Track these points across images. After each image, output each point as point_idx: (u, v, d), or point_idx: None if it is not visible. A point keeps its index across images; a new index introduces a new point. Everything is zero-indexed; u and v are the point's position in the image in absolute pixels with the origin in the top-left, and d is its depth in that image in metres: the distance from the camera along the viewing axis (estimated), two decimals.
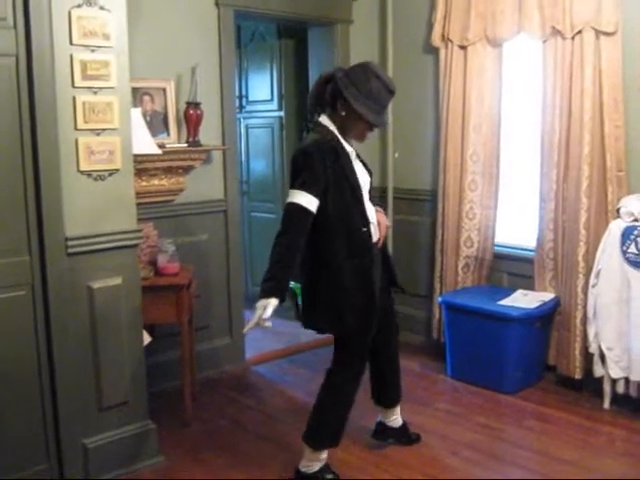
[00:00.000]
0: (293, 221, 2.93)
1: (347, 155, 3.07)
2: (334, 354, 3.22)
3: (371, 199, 3.20)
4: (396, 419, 3.60)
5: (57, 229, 3.05)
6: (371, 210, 3.16)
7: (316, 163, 2.94)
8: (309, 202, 2.91)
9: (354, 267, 3.02)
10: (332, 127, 3.07)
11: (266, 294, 2.85)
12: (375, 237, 3.16)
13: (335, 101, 3.05)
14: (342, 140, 3.09)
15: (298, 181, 2.93)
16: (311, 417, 3.24)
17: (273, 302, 2.83)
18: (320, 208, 2.95)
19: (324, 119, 3.10)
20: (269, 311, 2.82)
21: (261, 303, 2.84)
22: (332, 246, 3.01)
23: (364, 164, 3.25)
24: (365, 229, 3.06)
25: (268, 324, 2.83)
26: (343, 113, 3.04)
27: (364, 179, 3.16)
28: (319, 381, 3.24)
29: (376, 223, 3.18)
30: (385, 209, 5.23)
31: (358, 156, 3.20)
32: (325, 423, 3.22)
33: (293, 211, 2.92)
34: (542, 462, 3.47)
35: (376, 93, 2.99)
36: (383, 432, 3.61)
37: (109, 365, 3.28)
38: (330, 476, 3.22)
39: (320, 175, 2.93)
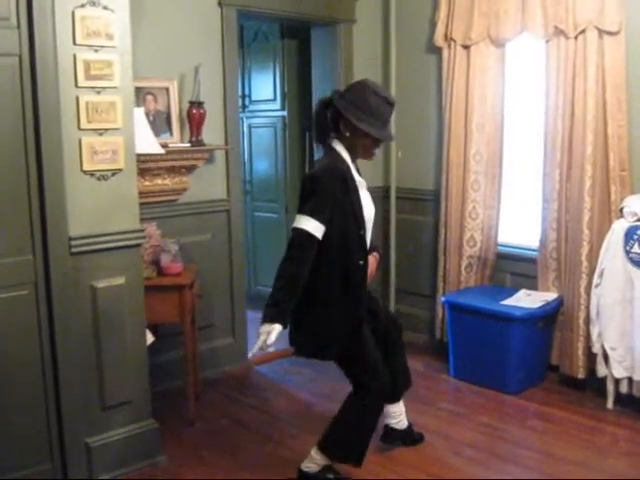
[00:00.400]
0: (300, 248, 2.91)
1: (356, 186, 3.04)
2: (349, 378, 3.18)
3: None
4: (401, 420, 3.59)
5: (60, 229, 3.05)
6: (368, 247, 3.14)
7: (326, 189, 2.92)
8: (316, 228, 2.89)
9: (346, 305, 3.02)
10: (344, 152, 3.05)
11: (270, 320, 2.85)
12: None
13: (337, 123, 3.04)
14: (353, 169, 3.07)
15: (307, 206, 2.91)
16: (334, 431, 3.19)
17: (277, 328, 2.84)
18: (324, 235, 2.93)
19: (336, 144, 3.06)
20: (273, 337, 2.82)
21: (265, 328, 2.84)
22: (328, 278, 3.00)
23: (371, 198, 3.21)
24: (362, 262, 3.05)
25: (271, 349, 2.87)
26: (347, 134, 3.02)
27: (369, 212, 3.12)
28: (321, 381, 3.25)
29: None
30: (388, 208, 5.25)
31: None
32: (358, 442, 3.18)
33: (300, 237, 2.90)
34: (545, 462, 3.47)
35: (375, 108, 2.97)
36: (390, 435, 3.60)
37: (112, 364, 3.28)
38: (332, 476, 3.22)
39: (328, 202, 2.92)
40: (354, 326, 3.05)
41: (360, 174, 3.14)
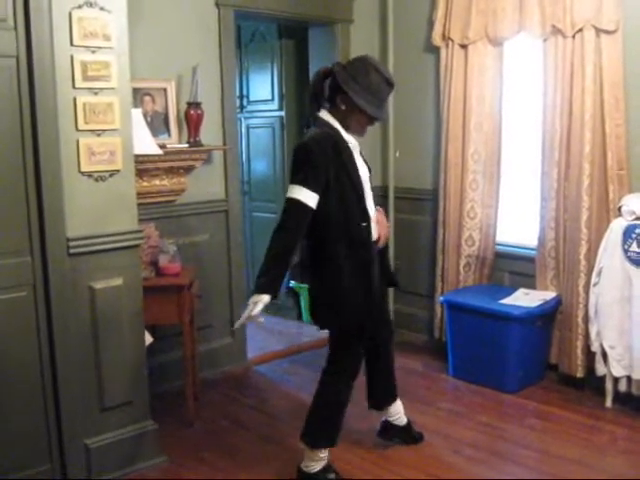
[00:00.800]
0: (292, 217, 2.92)
1: (349, 150, 3.05)
2: (329, 354, 3.23)
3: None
4: (400, 417, 3.60)
5: (58, 230, 3.05)
6: (372, 207, 3.16)
7: (317, 158, 2.92)
8: (309, 198, 2.89)
9: (353, 267, 3.02)
10: (333, 121, 3.05)
11: (259, 290, 2.86)
12: (375, 235, 3.15)
13: (335, 95, 3.04)
14: (344, 134, 3.07)
15: (299, 176, 2.91)
16: (307, 416, 3.24)
17: (265, 299, 2.85)
18: (320, 204, 2.93)
19: (324, 114, 3.07)
20: (259, 307, 2.84)
21: (253, 299, 2.86)
22: (332, 245, 3.01)
23: (364, 160, 3.23)
24: (365, 224, 3.05)
25: (260, 320, 2.87)
26: (343, 107, 3.02)
27: (365, 175, 3.14)
28: None
29: (376, 222, 3.17)
30: (386, 208, 5.24)
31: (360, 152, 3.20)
32: (320, 422, 3.22)
33: (293, 207, 2.91)
34: (544, 461, 3.47)
35: (375, 86, 2.98)
36: (388, 431, 3.61)
37: (111, 365, 3.28)
38: (332, 476, 3.22)
39: (321, 170, 2.92)
40: (365, 291, 3.05)
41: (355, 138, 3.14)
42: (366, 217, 3.07)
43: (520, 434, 3.78)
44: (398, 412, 3.59)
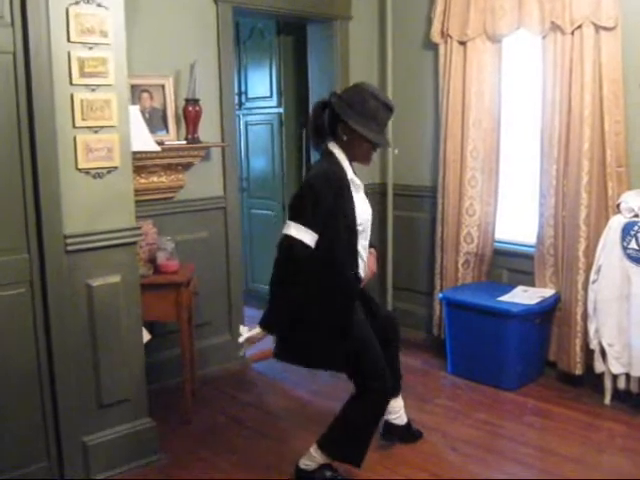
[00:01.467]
0: (299, 263, 2.90)
1: (350, 192, 2.99)
2: (351, 378, 3.15)
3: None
4: (400, 416, 3.59)
5: (56, 227, 3.04)
6: (365, 250, 3.12)
7: (320, 199, 2.88)
8: (312, 240, 2.89)
9: (332, 319, 3.00)
10: (339, 154, 3.01)
11: (266, 329, 3.04)
12: (362, 275, 3.12)
13: (335, 126, 3.00)
14: (350, 172, 3.04)
15: (305, 216, 2.88)
16: (335, 429, 3.15)
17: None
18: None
19: (333, 145, 3.03)
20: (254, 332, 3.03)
21: (259, 331, 3.03)
22: (315, 290, 2.98)
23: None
24: (353, 272, 3.04)
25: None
26: (345, 137, 2.99)
27: (366, 214, 3.08)
28: (319, 378, 3.24)
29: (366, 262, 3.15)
30: (385, 205, 5.24)
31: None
32: (351, 440, 3.14)
33: (299, 251, 2.88)
34: (542, 458, 3.47)
35: (374, 112, 2.94)
36: (390, 432, 3.59)
37: (109, 363, 3.28)
38: (330, 473, 3.21)
39: (323, 211, 2.89)
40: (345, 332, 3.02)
41: (356, 175, 3.11)
42: (355, 264, 3.04)
43: (519, 431, 3.78)
44: (398, 410, 3.58)
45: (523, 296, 4.33)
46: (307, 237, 2.87)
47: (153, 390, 3.70)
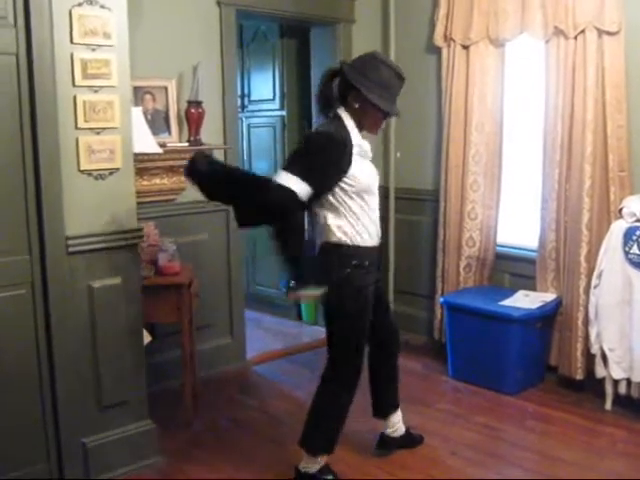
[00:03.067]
0: (287, 216, 2.91)
1: (351, 153, 2.95)
2: (328, 361, 3.18)
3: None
4: (397, 429, 3.54)
5: (57, 228, 3.04)
6: (374, 212, 3.10)
7: (323, 153, 2.88)
8: (306, 193, 2.85)
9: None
10: (348, 121, 2.98)
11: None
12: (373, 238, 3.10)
13: (346, 95, 2.98)
14: (356, 136, 3.00)
15: (302, 166, 2.84)
16: (306, 422, 3.21)
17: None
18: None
19: (342, 112, 3.00)
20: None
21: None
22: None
23: None
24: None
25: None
26: (356, 105, 2.96)
27: (369, 179, 3.05)
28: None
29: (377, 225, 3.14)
30: (387, 208, 5.23)
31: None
32: (319, 430, 3.18)
33: (289, 202, 2.84)
34: (543, 463, 3.46)
35: (387, 81, 2.92)
36: (386, 443, 3.56)
37: (109, 364, 3.27)
38: (330, 477, 3.21)
39: (323, 168, 2.88)
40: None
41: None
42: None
43: (519, 436, 3.77)
44: (395, 424, 3.53)
45: (524, 300, 4.33)
46: (299, 187, 2.82)
47: (154, 392, 3.69)
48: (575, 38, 4.04)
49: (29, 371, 3.06)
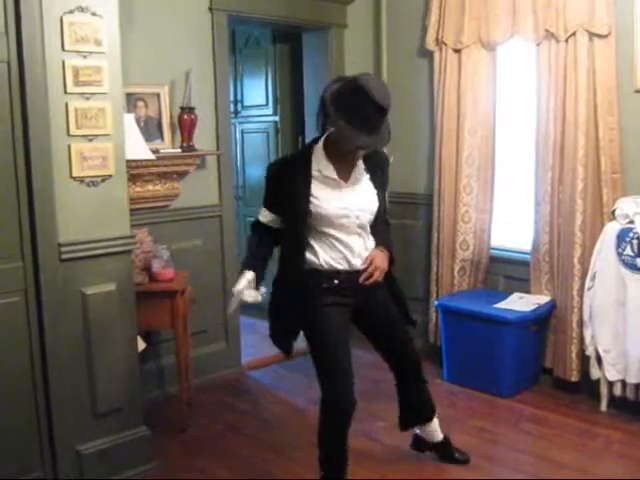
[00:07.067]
0: (251, 233, 3.16)
1: (307, 180, 2.91)
2: None
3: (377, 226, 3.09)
4: (434, 434, 3.48)
5: (50, 235, 3.04)
6: (341, 241, 2.98)
7: (268, 180, 3.09)
8: (264, 216, 3.09)
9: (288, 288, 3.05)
10: (319, 148, 2.95)
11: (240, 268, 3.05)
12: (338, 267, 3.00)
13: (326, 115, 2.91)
14: (319, 164, 2.94)
15: (264, 196, 3.14)
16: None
17: (246, 274, 2.96)
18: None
19: (323, 138, 2.97)
20: (242, 282, 2.93)
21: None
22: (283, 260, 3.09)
23: (377, 188, 3.07)
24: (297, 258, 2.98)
25: (248, 298, 2.94)
26: (332, 129, 2.85)
27: (333, 209, 2.92)
28: (315, 386, 3.21)
29: (363, 256, 3.03)
30: None
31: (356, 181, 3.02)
32: (322, 452, 3.09)
33: (253, 225, 3.16)
34: (539, 465, 3.47)
35: (361, 111, 2.75)
36: (419, 442, 3.51)
37: (103, 371, 3.27)
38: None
39: (270, 192, 3.08)
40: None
41: (342, 171, 2.96)
42: (300, 249, 2.97)
43: (514, 438, 3.77)
44: (434, 430, 3.48)
45: (519, 303, 4.33)
46: (261, 215, 3.10)
47: (149, 398, 3.69)
48: (566, 41, 4.06)
49: (23, 379, 3.05)
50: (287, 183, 2.96)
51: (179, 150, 4.18)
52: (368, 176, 3.06)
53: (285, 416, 4.10)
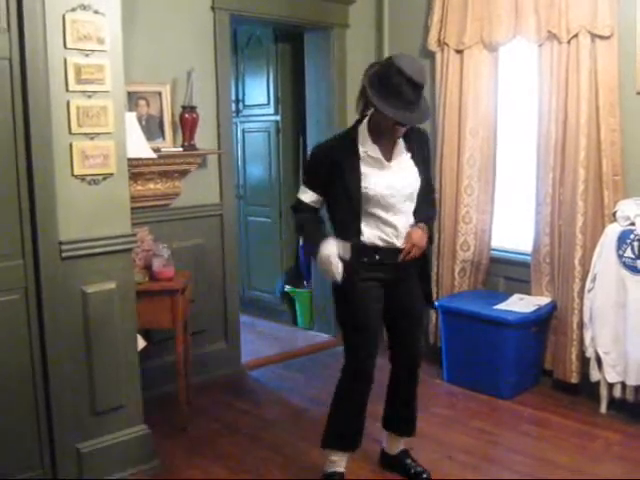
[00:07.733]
0: (293, 213, 3.24)
1: (355, 160, 3.00)
2: None
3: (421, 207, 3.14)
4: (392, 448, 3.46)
5: (51, 233, 3.04)
6: (384, 220, 3.05)
7: (312, 162, 3.17)
8: (307, 196, 3.13)
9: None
10: (364, 128, 3.05)
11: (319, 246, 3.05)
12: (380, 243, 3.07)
13: (366, 98, 3.01)
14: (365, 144, 3.02)
15: (304, 177, 3.24)
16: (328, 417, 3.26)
17: (329, 240, 3.01)
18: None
19: (366, 117, 3.07)
20: (333, 246, 2.99)
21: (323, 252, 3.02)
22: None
23: (418, 165, 3.12)
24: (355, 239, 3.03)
25: (346, 255, 3.00)
26: (373, 109, 2.99)
27: (379, 188, 3.00)
28: (315, 386, 3.24)
29: (404, 234, 3.09)
30: None
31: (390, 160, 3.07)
32: (328, 421, 3.23)
33: (294, 203, 3.21)
34: (538, 467, 3.46)
35: (397, 88, 2.84)
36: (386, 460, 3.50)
37: (103, 369, 3.27)
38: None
39: (316, 173, 3.11)
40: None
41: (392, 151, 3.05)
42: (357, 224, 3.04)
43: (514, 440, 3.77)
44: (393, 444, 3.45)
45: (519, 304, 4.33)
46: (304, 195, 3.14)
47: (148, 397, 3.68)
48: (568, 42, 4.06)
49: (23, 377, 3.05)
50: (337, 165, 3.02)
51: (180, 149, 4.18)
52: (410, 154, 3.12)
53: (285, 415, 4.10)
